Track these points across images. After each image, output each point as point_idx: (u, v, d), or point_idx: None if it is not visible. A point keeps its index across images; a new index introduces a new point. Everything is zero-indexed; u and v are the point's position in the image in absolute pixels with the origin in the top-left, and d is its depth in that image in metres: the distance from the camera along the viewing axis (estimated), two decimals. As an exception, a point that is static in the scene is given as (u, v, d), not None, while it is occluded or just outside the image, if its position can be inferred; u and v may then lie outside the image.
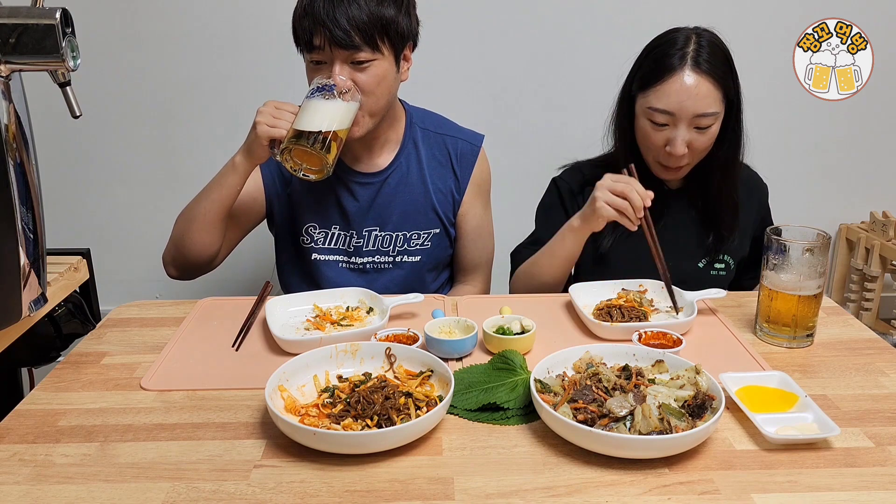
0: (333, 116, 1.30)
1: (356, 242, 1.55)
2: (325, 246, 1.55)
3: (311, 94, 1.32)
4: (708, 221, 1.52)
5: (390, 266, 1.57)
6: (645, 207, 1.30)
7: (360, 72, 1.36)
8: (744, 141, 1.48)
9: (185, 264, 1.49)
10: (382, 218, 1.54)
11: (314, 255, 1.55)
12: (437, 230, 1.57)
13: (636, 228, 1.32)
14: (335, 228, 1.54)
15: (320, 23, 1.32)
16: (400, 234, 1.55)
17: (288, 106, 1.34)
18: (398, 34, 1.38)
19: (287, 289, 1.62)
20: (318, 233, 1.54)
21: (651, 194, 1.30)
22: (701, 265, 1.52)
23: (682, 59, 1.37)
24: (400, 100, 1.57)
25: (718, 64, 1.38)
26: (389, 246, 1.55)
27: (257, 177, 1.54)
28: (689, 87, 1.36)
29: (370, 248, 1.55)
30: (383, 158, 1.54)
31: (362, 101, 1.38)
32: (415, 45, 1.47)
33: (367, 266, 1.56)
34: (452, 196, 1.58)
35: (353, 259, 1.56)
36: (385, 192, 1.53)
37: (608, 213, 1.31)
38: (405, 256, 1.56)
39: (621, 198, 1.30)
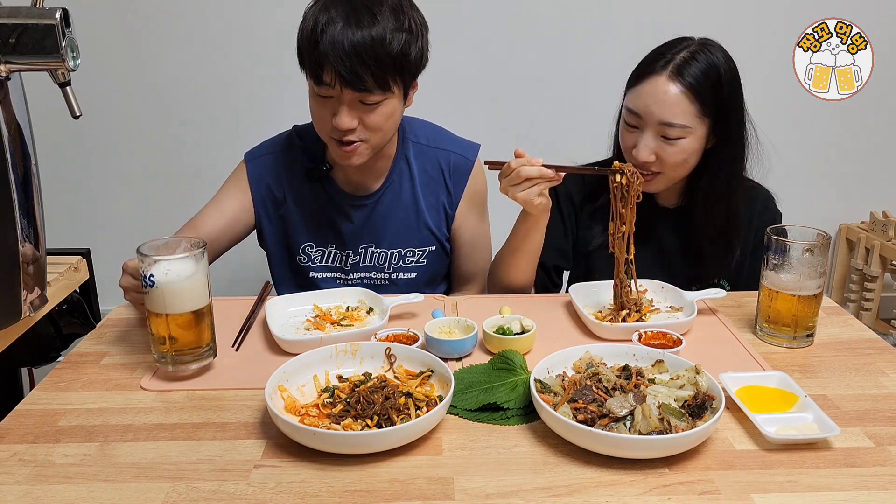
0: (196, 295, 1.07)
1: (352, 260, 1.53)
2: (322, 264, 1.54)
3: (147, 285, 1.04)
4: (701, 248, 1.47)
5: (386, 282, 1.55)
6: (547, 165, 1.26)
7: (368, 113, 1.31)
8: (752, 163, 1.43)
9: None
10: (377, 236, 1.52)
11: (311, 273, 1.54)
12: (433, 247, 1.55)
13: (561, 180, 1.29)
14: (331, 247, 1.53)
15: (331, 60, 1.24)
16: (395, 251, 1.53)
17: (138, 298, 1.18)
18: (410, 73, 1.32)
19: None
20: (315, 251, 1.53)
21: (539, 160, 1.26)
22: (694, 288, 1.45)
23: (665, 65, 1.33)
24: None
25: (704, 80, 1.32)
26: (385, 263, 1.53)
27: (246, 201, 1.51)
28: (659, 91, 1.32)
29: (366, 264, 1.53)
30: (374, 179, 1.50)
31: (368, 138, 1.33)
32: (422, 72, 1.40)
33: (365, 282, 1.55)
34: (445, 211, 1.54)
35: (349, 276, 1.55)
36: (378, 211, 1.51)
37: (532, 200, 1.29)
38: (400, 273, 1.54)
39: (524, 181, 1.26)
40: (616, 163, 1.27)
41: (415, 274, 1.55)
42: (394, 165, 1.51)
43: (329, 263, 1.54)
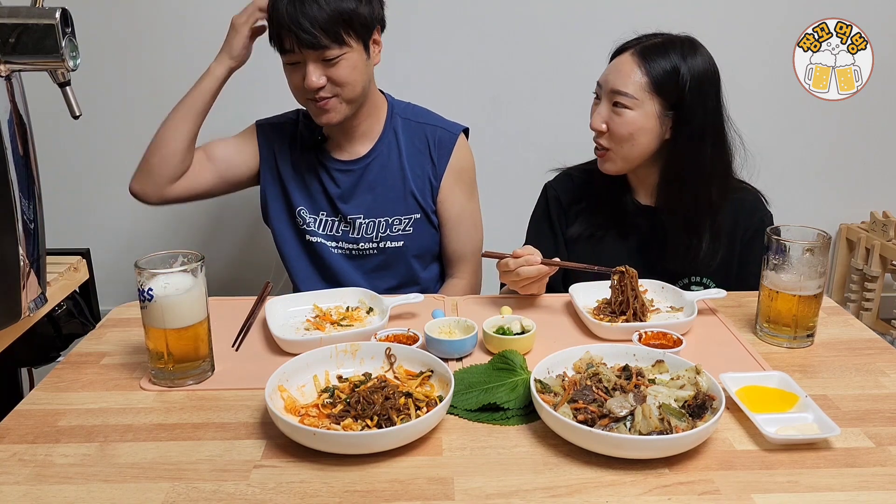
0: (195, 309, 1.06)
1: (343, 227, 1.60)
2: (317, 230, 1.61)
3: (146, 299, 1.03)
4: (675, 244, 1.47)
5: (375, 252, 1.61)
6: (545, 262, 1.30)
7: (332, 67, 1.42)
8: (740, 164, 1.46)
9: (148, 169, 1.53)
10: (365, 204, 1.59)
11: (308, 237, 1.62)
12: (418, 215, 1.61)
13: (556, 269, 1.34)
14: (322, 214, 1.60)
15: (286, 27, 1.38)
16: (382, 219, 1.59)
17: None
18: (362, 25, 1.43)
19: (295, 274, 1.65)
20: (309, 217, 1.61)
21: (537, 259, 1.29)
22: (680, 284, 1.47)
23: (634, 46, 1.41)
24: (383, 92, 1.62)
25: (663, 63, 1.37)
26: (373, 232, 1.60)
27: (253, 150, 1.61)
28: (618, 63, 1.40)
29: (356, 235, 1.60)
30: (363, 147, 1.59)
31: (338, 92, 1.44)
32: (383, 27, 1.51)
33: (353, 252, 1.62)
34: (430, 182, 1.61)
35: (341, 244, 1.61)
36: (366, 179, 1.59)
37: (531, 292, 1.35)
38: (388, 242, 1.61)
39: (523, 279, 1.30)
40: (622, 266, 1.29)
41: (402, 242, 1.61)
42: (382, 136, 1.59)
43: (323, 231, 1.61)
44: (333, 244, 1.61)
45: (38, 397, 1.04)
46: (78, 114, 1.07)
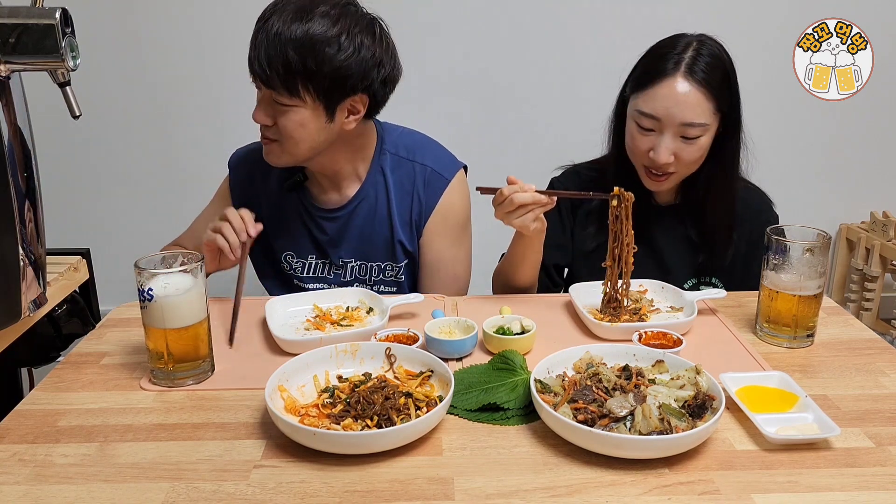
0: (194, 309, 1.06)
1: (336, 271, 1.52)
2: (307, 275, 1.54)
3: (146, 299, 1.04)
4: (699, 242, 1.47)
5: None
6: (541, 192, 1.27)
7: (280, 114, 1.31)
8: (744, 159, 1.45)
9: None
10: (354, 249, 1.51)
11: (296, 282, 1.55)
12: (407, 262, 1.52)
13: (555, 203, 1.30)
14: (311, 258, 1.53)
15: (253, 49, 1.28)
16: (375, 265, 1.51)
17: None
18: (333, 84, 1.28)
19: None
20: (296, 262, 1.53)
21: (532, 186, 1.27)
22: (687, 286, 1.48)
23: (676, 65, 1.33)
24: (375, 120, 1.49)
25: (715, 75, 1.34)
26: (366, 275, 1.52)
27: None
28: (678, 93, 1.33)
29: (349, 278, 1.52)
30: (349, 189, 1.49)
31: (280, 140, 1.33)
32: (376, 101, 1.37)
33: None
34: (416, 227, 1.50)
35: (332, 288, 1.50)
36: (353, 225, 1.49)
37: (528, 226, 1.29)
38: (381, 286, 1.52)
39: (518, 208, 1.27)
40: (615, 188, 1.26)
41: (395, 289, 1.52)
42: (369, 178, 1.48)
43: (313, 274, 1.54)
44: (324, 286, 1.51)
45: (38, 397, 1.04)
46: (78, 114, 1.07)
